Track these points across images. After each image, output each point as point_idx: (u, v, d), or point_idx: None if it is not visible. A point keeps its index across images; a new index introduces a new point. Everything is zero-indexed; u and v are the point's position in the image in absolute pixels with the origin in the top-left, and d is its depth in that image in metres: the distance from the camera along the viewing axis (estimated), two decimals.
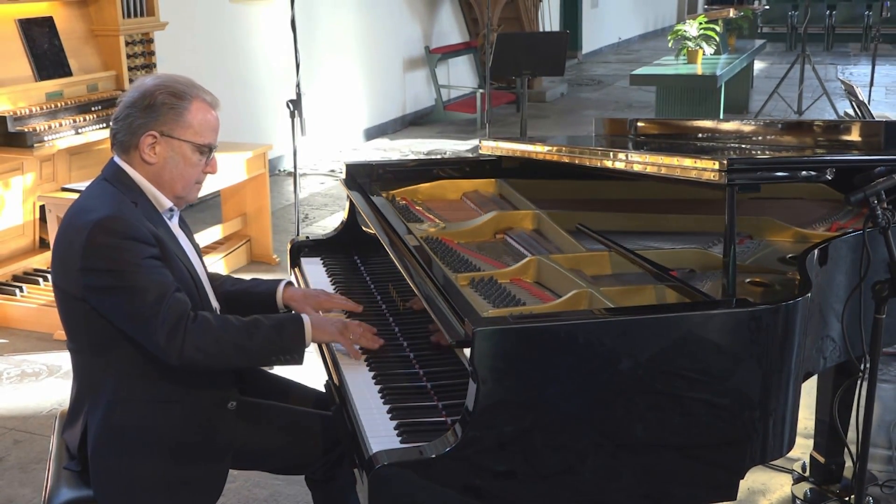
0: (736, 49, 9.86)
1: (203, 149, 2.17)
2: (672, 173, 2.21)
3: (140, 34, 5.13)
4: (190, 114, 2.14)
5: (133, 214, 2.07)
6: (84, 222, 2.03)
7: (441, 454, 1.77)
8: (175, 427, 2.13)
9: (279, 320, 2.16)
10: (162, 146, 2.13)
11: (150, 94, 2.12)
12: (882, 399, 3.67)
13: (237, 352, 2.08)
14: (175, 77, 2.18)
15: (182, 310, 2.02)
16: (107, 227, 2.01)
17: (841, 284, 2.36)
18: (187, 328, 2.00)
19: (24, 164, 4.65)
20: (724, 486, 1.98)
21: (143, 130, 2.12)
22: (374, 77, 9.32)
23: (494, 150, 3.13)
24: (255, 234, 5.46)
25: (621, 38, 17.90)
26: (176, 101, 2.12)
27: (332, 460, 2.32)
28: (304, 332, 2.15)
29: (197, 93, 2.17)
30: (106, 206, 2.06)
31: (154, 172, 2.15)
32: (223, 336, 2.05)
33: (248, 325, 2.10)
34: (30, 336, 4.46)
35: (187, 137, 2.14)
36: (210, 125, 2.18)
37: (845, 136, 2.86)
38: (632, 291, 2.20)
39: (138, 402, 2.11)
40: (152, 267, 2.03)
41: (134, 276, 2.00)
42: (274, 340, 2.11)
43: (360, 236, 2.95)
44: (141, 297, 1.99)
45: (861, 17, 16.93)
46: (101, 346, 2.10)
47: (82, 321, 2.09)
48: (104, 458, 2.11)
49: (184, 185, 2.19)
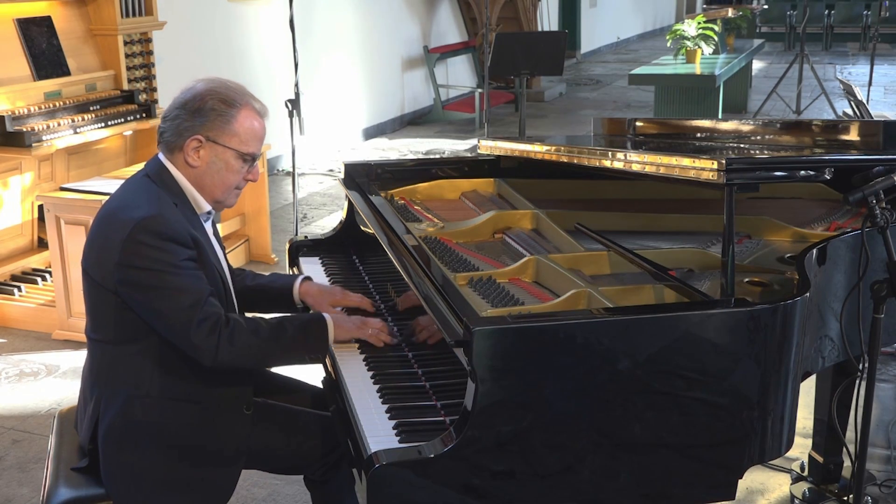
0: (734, 49, 9.87)
1: (246, 157, 2.19)
2: (671, 173, 2.21)
3: (138, 34, 5.13)
4: (237, 122, 2.16)
5: (174, 215, 2.10)
6: (127, 218, 2.05)
7: (440, 454, 1.77)
8: (191, 427, 2.15)
9: (303, 321, 2.22)
10: (206, 151, 2.15)
11: (200, 97, 2.14)
12: (880, 399, 3.67)
13: (267, 353, 2.15)
14: (228, 83, 2.20)
15: (216, 315, 2.06)
16: (149, 227, 2.03)
17: (839, 284, 2.36)
18: (221, 333, 2.05)
19: (22, 164, 4.65)
20: (722, 485, 1.98)
21: (189, 133, 2.14)
22: (373, 76, 9.32)
23: (493, 149, 3.13)
24: (254, 234, 5.46)
25: (620, 37, 17.90)
26: (225, 107, 2.14)
27: (330, 461, 2.32)
28: (327, 331, 2.20)
29: (247, 101, 2.19)
30: (149, 204, 2.09)
31: (196, 175, 2.18)
32: (254, 340, 2.10)
33: (275, 327, 2.15)
34: (28, 336, 4.46)
35: (232, 145, 2.16)
36: (256, 134, 2.20)
37: (844, 135, 2.86)
38: (630, 291, 2.20)
39: (157, 398, 2.13)
40: (189, 269, 2.06)
41: (171, 278, 2.03)
42: (300, 341, 2.17)
43: (358, 236, 2.95)
44: (177, 300, 2.03)
45: (859, 16, 16.93)
46: (127, 339, 2.12)
47: (111, 312, 2.11)
48: (118, 452, 2.12)
49: (224, 190, 2.21)
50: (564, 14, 14.63)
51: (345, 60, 8.82)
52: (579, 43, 15.57)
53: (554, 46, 6.80)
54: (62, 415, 2.44)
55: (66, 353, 4.26)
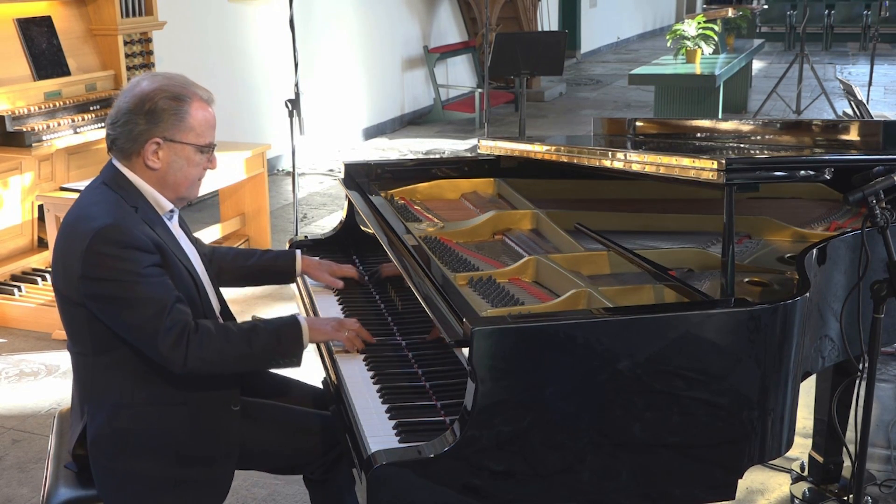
0: (734, 49, 9.86)
1: (205, 149, 2.19)
2: (670, 173, 2.22)
3: (138, 34, 5.13)
4: (191, 116, 2.14)
5: (134, 222, 2.07)
6: (85, 230, 2.03)
7: (440, 454, 1.77)
8: (180, 430, 2.14)
9: (276, 325, 2.18)
10: (165, 151, 2.13)
11: (149, 98, 2.11)
12: (880, 398, 3.67)
13: (238, 359, 2.12)
14: (169, 76, 2.18)
15: (183, 321, 2.03)
16: (107, 237, 2.01)
17: (839, 284, 2.36)
18: (189, 340, 2.02)
19: (22, 164, 4.65)
20: (722, 485, 1.98)
21: (145, 137, 2.11)
22: (373, 76, 9.32)
23: (493, 149, 3.13)
24: (254, 234, 5.46)
25: (620, 37, 17.90)
26: (176, 104, 2.12)
27: (330, 460, 2.32)
28: (301, 334, 2.17)
29: (194, 91, 2.17)
30: (106, 213, 2.06)
31: (158, 177, 2.16)
32: (224, 345, 2.08)
33: (246, 331, 2.13)
34: (28, 335, 4.46)
35: (190, 140, 2.15)
36: (209, 123, 2.19)
37: (844, 135, 2.86)
38: (630, 291, 2.20)
39: (143, 406, 2.12)
40: (153, 276, 2.03)
41: (134, 287, 2.00)
42: (273, 345, 2.14)
43: (358, 236, 2.95)
44: (141, 310, 2.00)
45: (860, 16, 16.93)
46: (103, 349, 2.11)
47: (84, 324, 2.10)
48: (109, 461, 2.12)
49: (188, 185, 2.20)
50: (564, 14, 14.63)
51: (345, 60, 8.82)
52: (579, 43, 15.57)
53: (554, 46, 6.80)
54: (62, 415, 2.45)
55: (66, 353, 4.20)
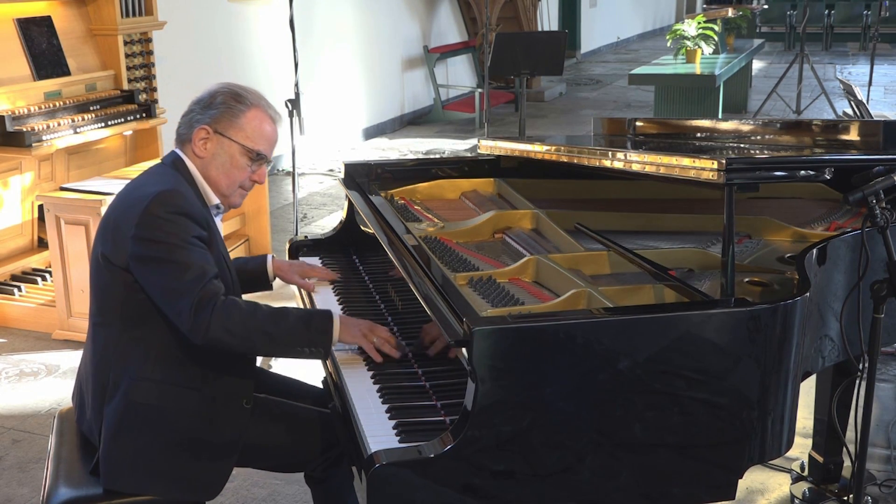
0: (734, 48, 9.87)
1: (252, 154, 2.23)
2: (671, 173, 2.22)
3: (138, 34, 5.13)
4: (245, 118, 2.22)
5: (191, 195, 2.16)
6: (145, 194, 2.10)
7: (440, 454, 1.77)
8: (188, 415, 2.15)
9: (309, 312, 2.19)
10: (213, 142, 2.21)
11: (213, 93, 2.23)
12: (880, 398, 3.67)
13: (262, 337, 2.08)
14: (244, 86, 2.29)
15: (215, 291, 2.06)
16: (165, 200, 2.07)
17: (839, 284, 2.36)
18: (216, 306, 2.03)
19: (22, 164, 4.65)
20: (722, 485, 1.98)
21: (197, 125, 2.21)
22: (373, 76, 9.32)
23: (493, 149, 3.13)
24: (254, 234, 5.46)
25: (620, 37, 17.90)
26: (234, 102, 2.22)
27: (331, 457, 2.32)
28: (332, 326, 2.14)
29: (259, 102, 2.26)
30: (169, 182, 2.15)
31: (202, 166, 2.23)
32: (250, 319, 2.06)
33: (276, 312, 2.12)
34: (28, 335, 4.46)
35: (238, 139, 2.21)
36: (265, 135, 2.25)
37: (844, 135, 2.86)
38: (630, 291, 2.20)
39: (159, 383, 2.14)
40: (198, 247, 2.09)
41: (179, 251, 2.05)
42: (300, 331, 2.12)
43: (358, 236, 2.95)
44: (181, 273, 2.04)
45: (859, 16, 16.93)
46: (133, 321, 2.13)
47: (121, 292, 2.12)
48: (116, 434, 2.12)
49: (228, 184, 2.25)
50: (564, 14, 14.63)
51: (345, 60, 8.82)
52: (579, 43, 15.57)
53: (554, 46, 6.80)
54: (62, 415, 2.44)
55: (66, 353, 4.26)
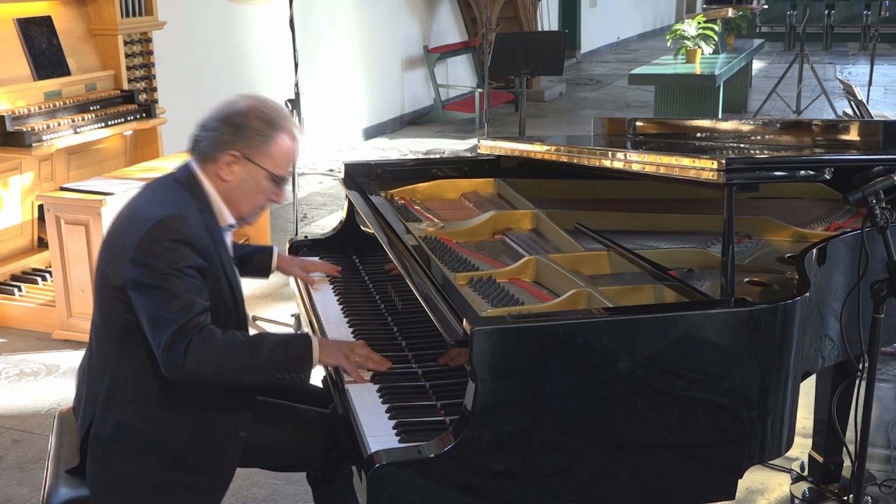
0: (734, 48, 9.86)
1: (277, 179, 2.19)
2: (670, 173, 2.22)
3: (138, 34, 5.13)
4: (275, 144, 2.15)
5: (196, 222, 2.08)
6: (149, 215, 2.04)
7: (440, 454, 1.77)
8: (182, 441, 2.12)
9: (285, 338, 2.13)
10: (240, 167, 2.15)
11: (243, 114, 2.14)
12: (880, 398, 3.67)
13: (240, 366, 2.03)
14: (270, 103, 2.20)
15: (195, 326, 1.99)
16: (168, 226, 2.02)
17: (839, 284, 2.36)
18: (192, 338, 1.98)
19: (22, 164, 4.65)
20: (722, 485, 1.98)
21: (226, 147, 2.13)
22: (373, 76, 9.32)
23: (493, 149, 3.13)
24: (254, 234, 5.45)
25: (620, 37, 17.90)
26: (266, 128, 2.14)
27: (332, 458, 2.32)
28: (311, 351, 2.09)
29: (287, 124, 2.19)
30: (174, 205, 2.08)
31: (226, 190, 2.17)
32: (226, 349, 2.01)
33: (252, 340, 2.06)
34: (28, 335, 4.46)
35: (266, 166, 2.16)
36: (289, 158, 2.20)
37: (844, 135, 2.86)
38: (630, 291, 2.20)
39: (153, 407, 2.10)
40: (192, 277, 2.02)
41: (171, 280, 1.99)
42: (279, 357, 2.06)
43: (358, 236, 2.95)
44: (168, 302, 1.98)
45: (859, 16, 16.92)
46: (132, 344, 2.09)
47: (122, 313, 2.08)
48: (105, 455, 2.11)
49: (250, 208, 2.22)
50: (564, 14, 14.63)
51: (345, 60, 8.82)
52: (579, 43, 15.57)
53: (554, 46, 6.79)
54: (62, 415, 2.44)
55: (66, 353, 4.26)
